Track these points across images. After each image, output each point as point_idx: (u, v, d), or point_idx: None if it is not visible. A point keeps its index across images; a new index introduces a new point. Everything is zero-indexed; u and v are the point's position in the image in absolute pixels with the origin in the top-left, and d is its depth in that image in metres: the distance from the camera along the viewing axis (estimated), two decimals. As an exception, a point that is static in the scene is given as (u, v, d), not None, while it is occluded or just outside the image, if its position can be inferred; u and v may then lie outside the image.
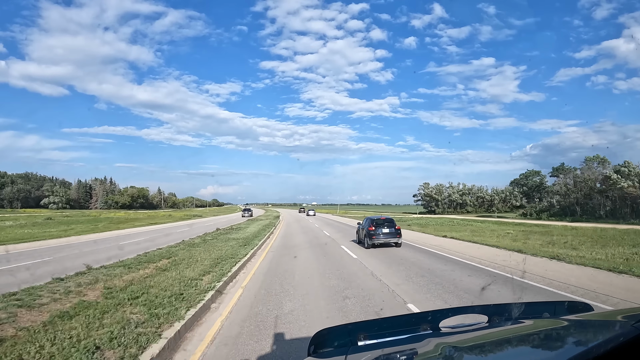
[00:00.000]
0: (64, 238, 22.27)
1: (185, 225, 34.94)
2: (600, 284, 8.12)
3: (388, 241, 15.34)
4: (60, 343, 4.35)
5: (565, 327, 1.30)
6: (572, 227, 26.96)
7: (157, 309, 5.80)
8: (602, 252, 12.75)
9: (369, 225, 15.44)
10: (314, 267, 11.10)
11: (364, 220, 17.21)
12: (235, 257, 11.39)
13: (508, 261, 11.59)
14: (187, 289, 7.30)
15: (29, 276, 9.28)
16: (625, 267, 9.62)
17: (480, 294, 7.70)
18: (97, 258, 11.91)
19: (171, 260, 10.59)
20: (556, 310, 1.64)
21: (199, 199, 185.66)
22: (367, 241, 15.29)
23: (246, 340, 5.14)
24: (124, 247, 16.53)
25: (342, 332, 1.56)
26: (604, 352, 0.78)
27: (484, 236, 20.13)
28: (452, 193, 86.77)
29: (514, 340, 1.31)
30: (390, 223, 15.50)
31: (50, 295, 6.55)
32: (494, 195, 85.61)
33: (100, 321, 5.18)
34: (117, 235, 24.18)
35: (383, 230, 15.22)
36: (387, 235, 15.21)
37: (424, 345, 1.32)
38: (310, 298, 7.47)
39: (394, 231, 15.29)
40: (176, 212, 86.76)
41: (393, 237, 15.30)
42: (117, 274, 8.52)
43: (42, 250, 16.37)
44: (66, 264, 11.46)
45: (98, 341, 4.42)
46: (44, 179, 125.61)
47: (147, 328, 5.01)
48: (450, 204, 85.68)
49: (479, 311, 1.63)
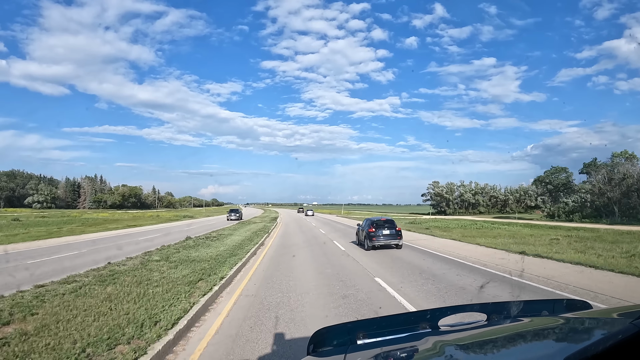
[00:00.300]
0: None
1: (157, 231, 27.08)
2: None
3: (389, 243, 14.67)
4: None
5: (564, 325, 1.31)
6: (628, 232, 22.03)
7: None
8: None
9: (369, 227, 14.82)
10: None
11: (363, 221, 16.63)
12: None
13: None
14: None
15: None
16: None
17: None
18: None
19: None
20: (555, 308, 1.64)
21: (197, 199, 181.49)
22: (367, 243, 14.68)
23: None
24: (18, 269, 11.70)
25: (341, 331, 1.54)
26: (603, 350, 0.78)
27: (534, 245, 15.21)
28: (464, 192, 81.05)
29: (512, 338, 1.31)
30: (391, 224, 14.92)
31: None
32: (508, 195, 79.96)
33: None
34: (57, 245, 18.64)
35: (383, 232, 14.58)
36: (388, 237, 14.56)
37: (423, 344, 1.33)
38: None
39: (394, 233, 14.68)
40: (168, 213, 79.70)
41: (394, 239, 14.65)
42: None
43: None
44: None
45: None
46: (30, 176, 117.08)
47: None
48: (462, 204, 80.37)
49: (478, 309, 1.63)
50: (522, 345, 1.24)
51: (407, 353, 1.34)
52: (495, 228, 27.45)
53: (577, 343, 0.99)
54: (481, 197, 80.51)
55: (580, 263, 10.54)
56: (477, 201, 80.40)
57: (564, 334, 1.26)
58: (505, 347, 1.24)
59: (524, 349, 1.21)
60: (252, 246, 15.11)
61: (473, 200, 79.73)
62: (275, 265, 11.56)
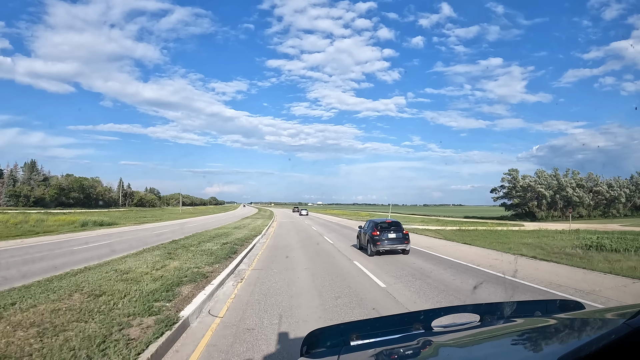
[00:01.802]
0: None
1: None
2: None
3: (395, 248, 13.44)
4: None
5: (557, 325, 1.31)
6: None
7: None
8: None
9: (373, 230, 13.59)
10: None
11: (366, 223, 15.27)
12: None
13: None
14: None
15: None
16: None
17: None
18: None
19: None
20: (548, 309, 1.64)
21: (189, 196, 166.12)
22: (371, 247, 13.44)
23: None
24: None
25: (335, 332, 1.54)
26: (596, 350, 0.77)
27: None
28: (565, 185, 58.53)
29: (505, 339, 1.32)
30: (397, 227, 13.77)
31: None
32: (618, 191, 60.39)
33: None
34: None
35: (389, 235, 13.41)
36: (394, 241, 13.39)
37: (416, 345, 1.32)
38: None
39: (401, 236, 13.49)
40: (122, 212, 63.19)
41: (400, 243, 13.44)
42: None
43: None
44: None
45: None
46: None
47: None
48: (555, 203, 59.55)
49: (471, 310, 1.64)
50: (516, 346, 1.24)
51: (401, 354, 1.34)
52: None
53: (570, 343, 0.97)
54: (583, 192, 60.09)
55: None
56: (581, 199, 57.96)
57: (557, 334, 1.24)
58: (499, 348, 1.24)
59: (517, 349, 1.21)
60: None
61: (577, 198, 58.19)
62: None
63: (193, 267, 9.81)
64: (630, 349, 0.74)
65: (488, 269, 10.58)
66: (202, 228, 27.02)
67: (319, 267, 11.30)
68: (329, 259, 13.10)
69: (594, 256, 12.78)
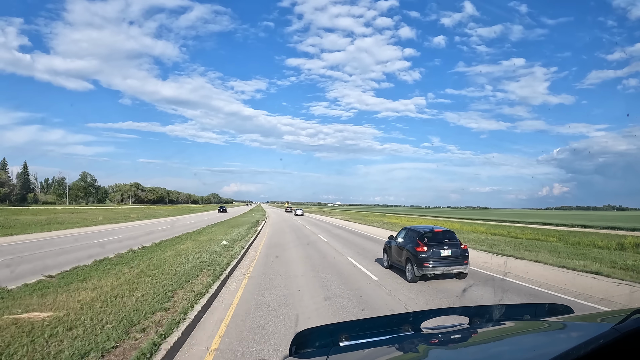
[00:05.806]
0: None
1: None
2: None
3: (450, 270, 9.42)
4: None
5: (546, 329, 1.31)
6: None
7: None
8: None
9: (416, 244, 9.50)
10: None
11: (400, 232, 11.02)
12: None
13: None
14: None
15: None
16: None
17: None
18: None
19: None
20: (537, 312, 1.64)
21: (178, 192, 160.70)
22: (415, 270, 9.22)
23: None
24: None
25: (324, 333, 1.52)
26: (584, 354, 0.77)
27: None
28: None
29: (494, 342, 1.32)
30: (452, 239, 9.75)
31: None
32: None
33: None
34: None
35: (441, 252, 9.29)
36: (448, 261, 9.32)
37: (405, 346, 1.34)
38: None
39: (458, 253, 9.43)
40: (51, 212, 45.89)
41: (458, 264, 9.41)
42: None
43: None
44: None
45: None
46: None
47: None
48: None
49: (460, 312, 1.63)
50: (504, 349, 1.24)
51: (389, 355, 1.34)
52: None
53: (559, 347, 1.00)
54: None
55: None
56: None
57: (546, 337, 1.23)
58: (487, 351, 1.25)
59: (506, 352, 1.21)
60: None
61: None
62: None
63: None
64: (618, 353, 0.75)
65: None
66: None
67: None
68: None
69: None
